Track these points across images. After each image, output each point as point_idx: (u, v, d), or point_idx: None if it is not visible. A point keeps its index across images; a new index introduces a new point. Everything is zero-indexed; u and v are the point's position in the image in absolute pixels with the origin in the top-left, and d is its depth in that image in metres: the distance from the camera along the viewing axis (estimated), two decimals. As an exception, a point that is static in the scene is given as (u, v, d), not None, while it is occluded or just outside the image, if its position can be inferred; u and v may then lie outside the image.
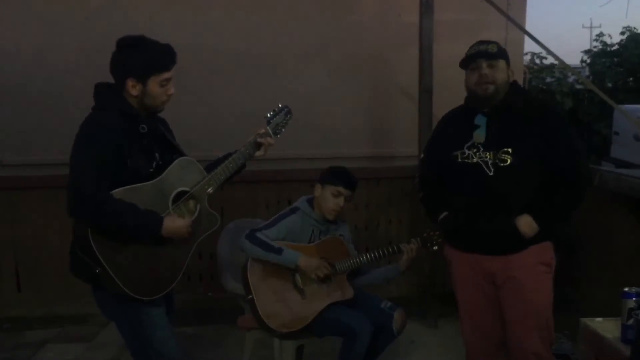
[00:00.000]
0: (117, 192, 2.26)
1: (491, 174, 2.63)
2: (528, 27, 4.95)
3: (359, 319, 3.06)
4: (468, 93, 2.77)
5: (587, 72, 14.47)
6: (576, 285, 4.21)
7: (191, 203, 2.49)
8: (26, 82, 4.77)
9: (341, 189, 3.23)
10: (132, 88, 2.34)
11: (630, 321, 2.48)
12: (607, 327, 2.61)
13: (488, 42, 2.72)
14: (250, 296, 3.06)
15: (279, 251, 3.07)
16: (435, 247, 3.23)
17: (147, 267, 2.36)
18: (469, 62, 2.70)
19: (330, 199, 3.24)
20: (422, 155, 3.09)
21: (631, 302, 2.51)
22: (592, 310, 3.00)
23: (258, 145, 2.68)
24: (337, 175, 3.28)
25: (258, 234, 3.11)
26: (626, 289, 2.56)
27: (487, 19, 4.72)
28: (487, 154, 2.65)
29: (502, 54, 2.71)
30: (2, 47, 4.76)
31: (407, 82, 4.71)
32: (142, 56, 2.33)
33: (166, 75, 2.37)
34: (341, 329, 3.07)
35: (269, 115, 2.76)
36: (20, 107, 4.79)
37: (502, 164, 2.62)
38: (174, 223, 2.36)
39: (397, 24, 4.92)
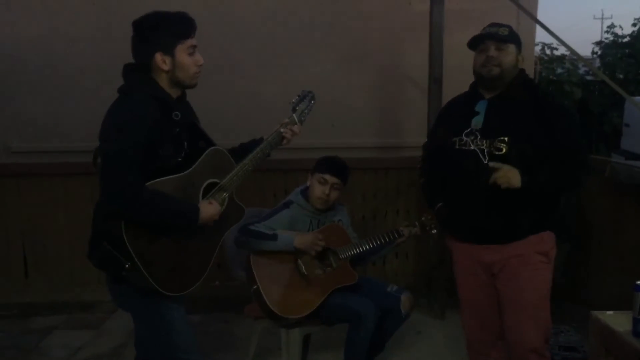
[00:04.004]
0: (150, 185, 2.20)
1: (486, 162, 2.59)
2: (539, 17, 4.90)
3: (364, 303, 3.06)
4: (474, 75, 2.72)
5: (597, 63, 14.36)
6: (586, 276, 4.19)
7: (220, 195, 2.44)
8: (34, 70, 4.76)
9: (327, 176, 3.22)
10: (162, 63, 2.27)
11: (642, 314, 2.45)
12: (618, 321, 2.58)
13: (500, 25, 2.67)
14: (255, 286, 3.05)
15: (273, 237, 3.07)
16: (434, 231, 3.25)
17: (176, 262, 2.31)
18: (477, 42, 2.66)
19: (316, 186, 3.23)
20: (426, 140, 3.06)
21: (643, 296, 2.48)
22: (602, 303, 2.97)
23: (283, 136, 2.63)
24: (324, 163, 3.29)
25: (250, 227, 3.11)
26: (638, 282, 2.52)
27: (498, 8, 4.65)
28: (484, 141, 2.61)
29: (513, 38, 2.65)
30: (10, 36, 4.76)
31: (417, 72, 4.67)
32: (162, 27, 2.28)
33: (191, 41, 2.31)
34: (347, 314, 3.07)
35: (294, 101, 2.70)
36: (28, 95, 4.79)
37: (497, 153, 2.58)
38: (209, 210, 2.32)
39: (407, 13, 4.88)
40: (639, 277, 2.58)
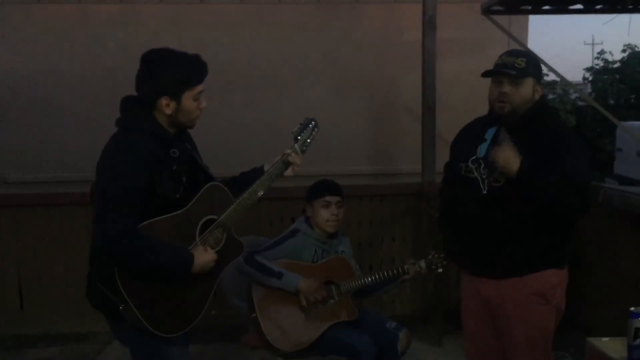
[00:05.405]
0: (146, 226, 2.12)
1: (484, 192, 2.53)
2: (529, 45, 4.98)
3: (362, 338, 3.04)
4: (489, 104, 2.63)
5: (589, 89, 14.51)
6: (581, 303, 4.18)
7: (218, 232, 2.35)
8: (31, 101, 4.80)
9: (328, 197, 3.23)
10: (166, 107, 2.20)
11: (637, 341, 2.44)
12: (613, 347, 2.58)
13: (518, 55, 2.56)
14: (254, 314, 3.05)
15: (279, 275, 3.06)
16: (440, 270, 3.20)
17: (172, 303, 2.24)
18: (493, 73, 2.56)
19: (322, 212, 3.23)
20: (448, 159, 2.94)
21: (638, 322, 2.47)
22: (598, 329, 2.98)
23: (287, 165, 2.53)
24: (318, 187, 3.30)
25: (257, 257, 3.10)
26: (633, 308, 2.52)
27: (489, 37, 4.73)
28: (486, 170, 2.54)
29: (530, 70, 2.52)
30: (7, 70, 4.80)
31: (410, 99, 4.72)
32: (174, 71, 2.19)
33: (199, 88, 2.24)
34: (345, 349, 3.04)
35: (296, 129, 2.59)
36: (24, 126, 4.82)
37: (495, 184, 2.50)
38: (203, 258, 2.24)
39: (400, 42, 4.95)
40: (633, 303, 2.59)
